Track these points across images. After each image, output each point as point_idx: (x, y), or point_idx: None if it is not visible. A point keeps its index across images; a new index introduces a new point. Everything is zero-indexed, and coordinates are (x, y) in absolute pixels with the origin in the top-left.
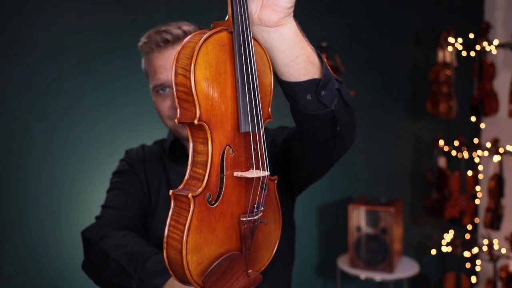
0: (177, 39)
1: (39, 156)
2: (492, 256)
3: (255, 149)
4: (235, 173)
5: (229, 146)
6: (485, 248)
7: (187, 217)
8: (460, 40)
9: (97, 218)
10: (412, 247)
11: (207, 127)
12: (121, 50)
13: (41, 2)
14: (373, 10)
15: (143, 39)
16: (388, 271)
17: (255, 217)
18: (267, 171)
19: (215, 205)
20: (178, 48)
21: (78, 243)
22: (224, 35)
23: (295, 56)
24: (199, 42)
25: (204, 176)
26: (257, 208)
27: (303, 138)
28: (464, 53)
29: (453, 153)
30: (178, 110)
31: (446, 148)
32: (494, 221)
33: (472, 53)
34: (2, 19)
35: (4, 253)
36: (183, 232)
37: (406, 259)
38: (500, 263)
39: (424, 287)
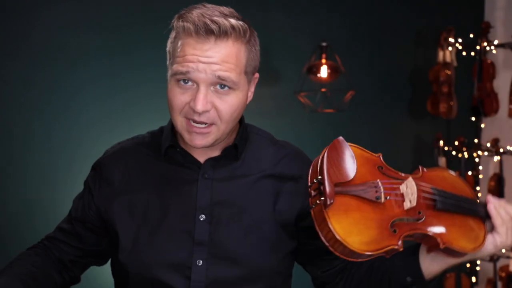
0: (223, 34)
1: (39, 155)
2: (492, 256)
3: None
4: None
5: None
6: None
7: None
8: (460, 40)
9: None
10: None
11: None
12: (121, 49)
13: (40, 2)
14: (373, 10)
15: (180, 15)
16: None
17: None
18: None
19: None
20: None
21: None
22: None
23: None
24: None
25: None
26: None
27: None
28: (464, 53)
29: (453, 153)
30: None
31: (446, 148)
32: None
33: (472, 53)
34: (2, 19)
35: (5, 253)
36: None
37: None
38: (500, 263)
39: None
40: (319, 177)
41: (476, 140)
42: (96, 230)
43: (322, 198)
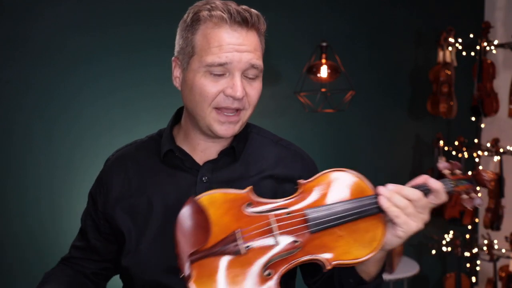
0: (254, 23)
1: (38, 155)
2: (492, 256)
3: None
4: None
5: None
6: (485, 248)
7: None
8: (460, 40)
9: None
10: (412, 247)
11: None
12: (120, 49)
13: (40, 2)
14: (373, 10)
15: (203, 6)
16: (388, 271)
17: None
18: None
19: None
20: None
21: None
22: None
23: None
24: None
25: None
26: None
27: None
28: (464, 53)
29: (453, 153)
30: None
31: (446, 148)
32: (494, 221)
33: (472, 53)
34: (2, 19)
35: (5, 253)
36: None
37: (406, 259)
38: (500, 263)
39: (424, 287)
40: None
41: (476, 140)
42: (109, 238)
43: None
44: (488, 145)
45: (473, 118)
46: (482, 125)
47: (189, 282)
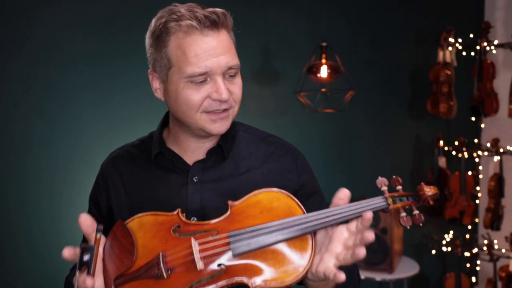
0: (223, 24)
1: (39, 155)
2: (492, 256)
3: None
4: None
5: None
6: (485, 248)
7: None
8: (460, 40)
9: None
10: (412, 247)
11: None
12: (120, 50)
13: (40, 3)
14: (373, 10)
15: (170, 17)
16: (388, 271)
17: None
18: None
19: None
20: None
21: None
22: None
23: None
24: None
25: None
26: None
27: None
28: (464, 53)
29: (453, 153)
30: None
31: (446, 148)
32: (494, 221)
33: (472, 53)
34: (2, 19)
35: (5, 253)
36: None
37: (406, 259)
38: (500, 263)
39: (424, 287)
40: None
41: (476, 140)
42: None
43: None
44: (488, 145)
45: (473, 118)
46: (482, 125)
47: None
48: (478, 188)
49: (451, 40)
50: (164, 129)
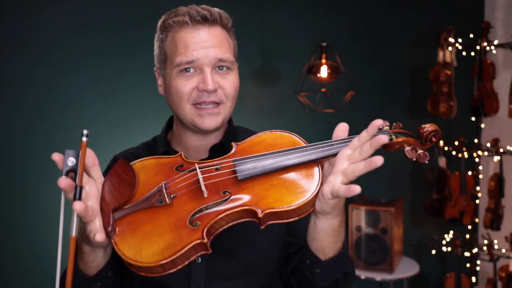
0: (215, 20)
1: (39, 155)
2: (492, 256)
3: None
4: None
5: None
6: (485, 248)
7: None
8: (460, 40)
9: None
10: (412, 247)
11: None
12: (120, 49)
13: (40, 2)
14: (373, 10)
15: (169, 15)
16: (388, 271)
17: None
18: None
19: None
20: None
21: None
22: None
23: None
24: None
25: None
26: None
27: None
28: (464, 53)
29: (453, 153)
30: None
31: (446, 148)
32: (494, 221)
33: (472, 53)
34: (2, 19)
35: (5, 253)
36: None
37: (406, 259)
38: (500, 263)
39: (424, 287)
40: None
41: (476, 140)
42: None
43: None
44: (488, 145)
45: (473, 118)
46: (482, 125)
47: (112, 238)
48: (478, 188)
49: (451, 40)
50: (168, 132)
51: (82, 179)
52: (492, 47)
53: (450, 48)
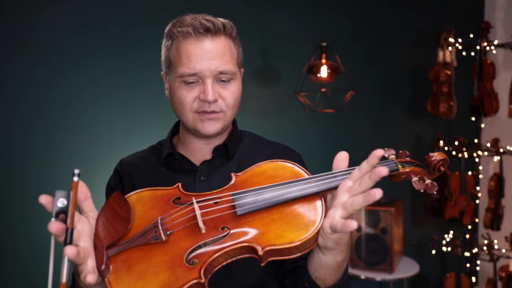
0: (218, 31)
1: (39, 155)
2: (492, 256)
3: None
4: None
5: None
6: (485, 248)
7: None
8: (460, 40)
9: None
10: (412, 247)
11: None
12: (121, 49)
13: (40, 2)
14: (373, 10)
15: (174, 24)
16: (388, 271)
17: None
18: None
19: None
20: None
21: None
22: None
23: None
24: None
25: None
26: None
27: None
28: (464, 53)
29: (453, 153)
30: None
31: (446, 148)
32: (494, 221)
33: (472, 53)
34: (2, 19)
35: (6, 252)
36: None
37: (406, 259)
38: (500, 263)
39: (424, 287)
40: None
41: (476, 140)
42: None
43: None
44: (488, 145)
45: (473, 118)
46: (482, 125)
47: (105, 277)
48: (478, 188)
49: (451, 40)
50: (174, 136)
51: (74, 220)
52: (492, 47)
53: (450, 48)
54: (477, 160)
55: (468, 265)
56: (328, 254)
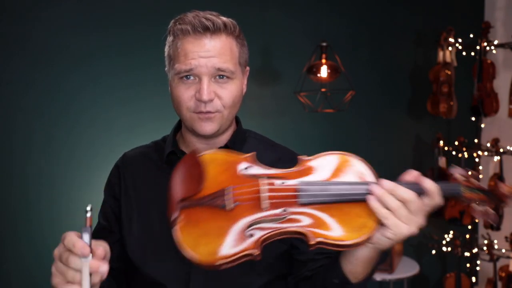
0: (217, 29)
1: (39, 155)
2: (492, 256)
3: None
4: None
5: None
6: (485, 248)
7: None
8: (460, 40)
9: None
10: (412, 247)
11: None
12: (121, 49)
13: (40, 2)
14: (373, 10)
15: (175, 22)
16: (388, 271)
17: None
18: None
19: None
20: None
21: None
22: None
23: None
24: None
25: None
26: None
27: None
28: (464, 53)
29: (453, 153)
30: None
31: (446, 148)
32: None
33: (472, 53)
34: (2, 19)
35: (6, 252)
36: None
37: (406, 259)
38: (500, 263)
39: (424, 287)
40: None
41: (476, 140)
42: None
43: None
44: (488, 145)
45: (473, 118)
46: (482, 125)
47: (176, 225)
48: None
49: (451, 40)
50: (177, 132)
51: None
52: (492, 47)
53: (450, 48)
54: (477, 160)
55: (468, 265)
56: (366, 249)
